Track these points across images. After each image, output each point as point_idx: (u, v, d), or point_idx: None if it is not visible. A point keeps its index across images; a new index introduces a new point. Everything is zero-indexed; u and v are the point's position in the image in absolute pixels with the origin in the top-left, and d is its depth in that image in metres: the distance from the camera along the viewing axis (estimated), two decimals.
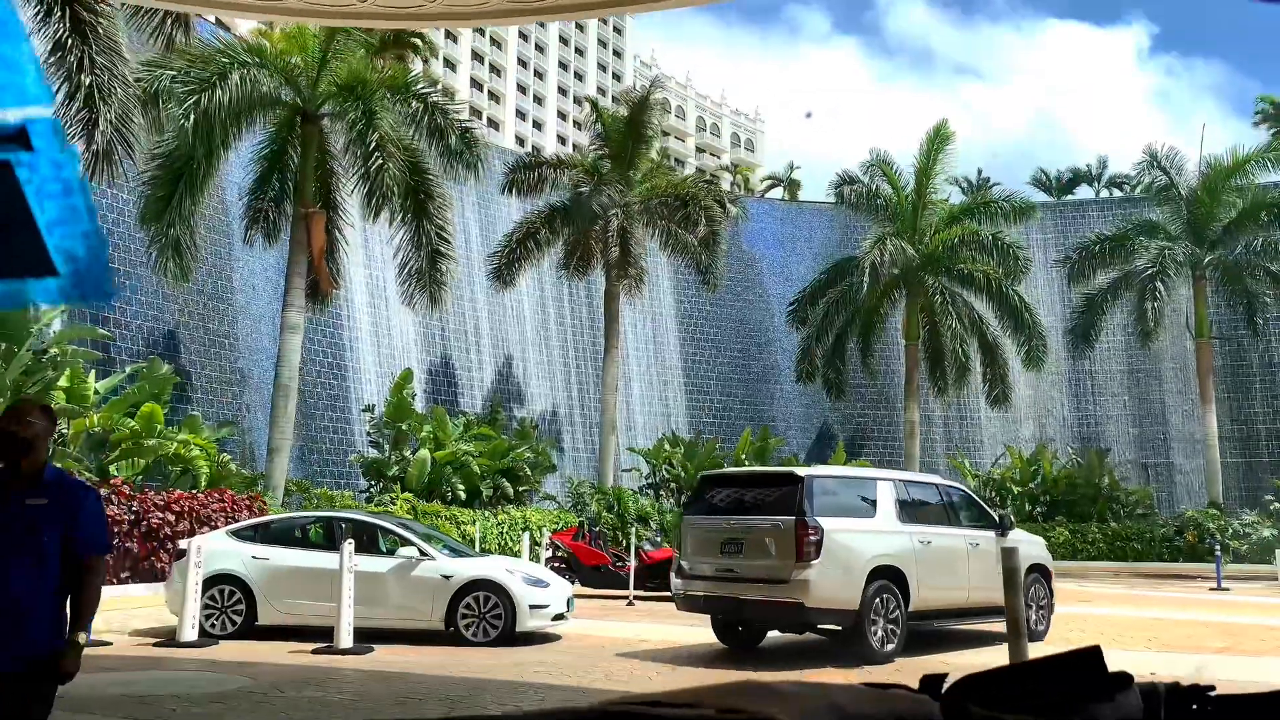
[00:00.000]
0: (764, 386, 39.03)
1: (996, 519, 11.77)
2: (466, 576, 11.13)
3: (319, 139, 22.29)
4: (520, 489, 27.41)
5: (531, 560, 21.83)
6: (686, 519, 10.94)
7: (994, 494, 31.98)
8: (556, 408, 35.93)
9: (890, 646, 9.75)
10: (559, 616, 11.41)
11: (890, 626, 9.80)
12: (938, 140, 31.37)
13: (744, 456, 31.37)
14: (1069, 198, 40.61)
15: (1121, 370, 36.63)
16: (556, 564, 19.12)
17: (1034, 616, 11.55)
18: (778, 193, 44.97)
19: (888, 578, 9.87)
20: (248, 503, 18.29)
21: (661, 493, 31.32)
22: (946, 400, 36.71)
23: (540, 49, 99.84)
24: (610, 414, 29.85)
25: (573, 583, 19.12)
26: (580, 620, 12.91)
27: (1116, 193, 41.04)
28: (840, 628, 9.88)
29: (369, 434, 25.85)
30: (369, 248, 31.73)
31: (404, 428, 24.60)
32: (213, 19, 26.04)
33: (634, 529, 26.25)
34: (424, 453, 24.24)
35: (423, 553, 11.33)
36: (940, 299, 30.58)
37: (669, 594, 18.06)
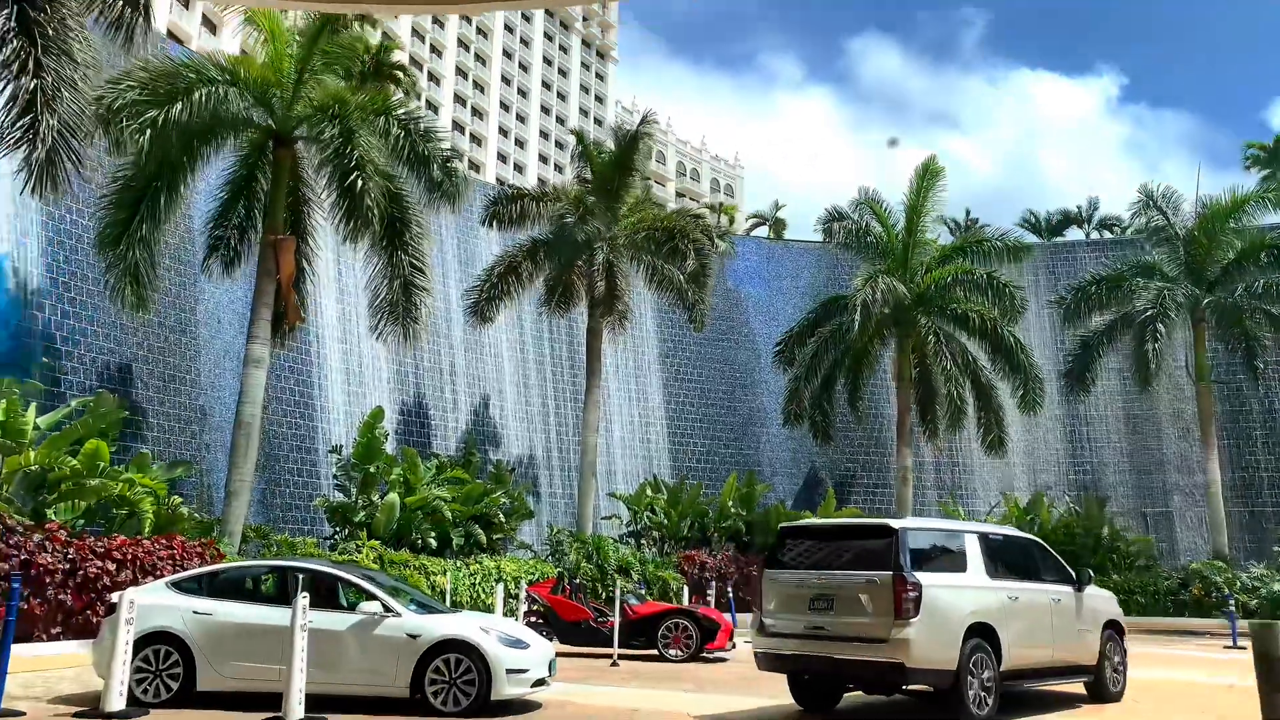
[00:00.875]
0: (750, 430, 38.08)
1: (1073, 574, 11.47)
2: (436, 636, 9.96)
3: (292, 164, 21.36)
4: (494, 537, 26.14)
5: (506, 615, 20.57)
6: (767, 574, 10.30)
7: None
8: (534, 451, 34.75)
9: (986, 710, 9.33)
10: (540, 682, 10.24)
11: (985, 688, 9.36)
12: (927, 176, 30.95)
13: (730, 503, 30.30)
14: (1058, 239, 40.42)
15: (1118, 416, 36.06)
16: (533, 618, 17.88)
17: (1109, 676, 11.28)
18: (762, 231, 44.51)
19: (982, 636, 9.43)
20: (200, 550, 16.97)
21: (643, 541, 30.14)
22: (938, 445, 35.91)
23: (523, 93, 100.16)
24: (590, 457, 28.73)
25: (550, 640, 17.89)
26: (562, 684, 11.74)
27: (1107, 234, 40.91)
28: (933, 689, 9.43)
29: (336, 477, 24.56)
30: (341, 281, 30.67)
31: (373, 470, 23.36)
32: (195, 39, 25.23)
33: (615, 580, 25.05)
34: (393, 497, 22.99)
35: (386, 608, 10.15)
36: (934, 340, 29.89)
37: (655, 652, 16.94)
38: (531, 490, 32.82)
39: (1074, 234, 42.02)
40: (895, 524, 9.64)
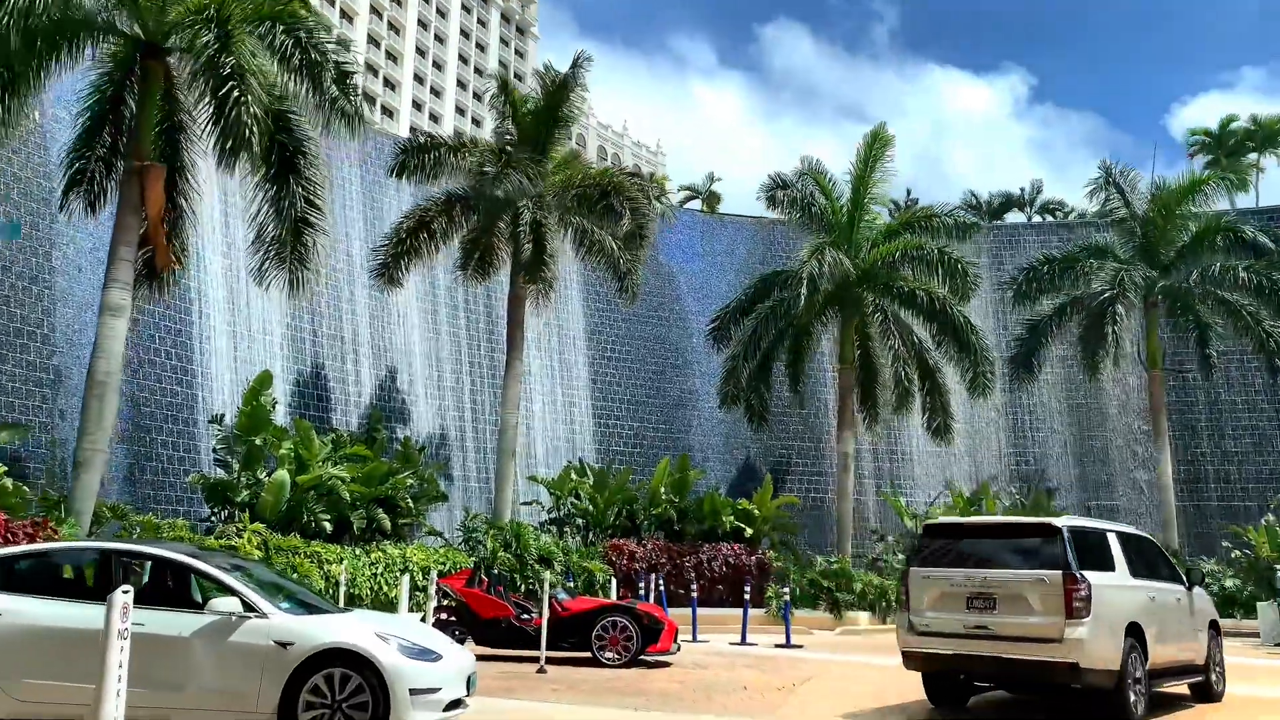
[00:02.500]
0: (680, 413, 36.12)
1: (1184, 574, 11.67)
2: (315, 644, 7.52)
3: (165, 80, 18.26)
4: (401, 522, 23.48)
5: (413, 611, 18.03)
6: (914, 571, 10.24)
7: None
8: (446, 430, 32.05)
9: (1140, 711, 9.43)
10: (455, 704, 7.89)
11: (1139, 688, 9.50)
12: (876, 145, 29.41)
13: (662, 489, 28.23)
14: (997, 223, 39.58)
15: (1062, 405, 35.37)
16: (445, 616, 15.45)
17: (1214, 676, 11.43)
18: (696, 206, 42.61)
19: (1134, 635, 9.55)
20: (30, 531, 14.00)
21: (566, 529, 27.83)
22: (877, 432, 34.58)
23: (440, 39, 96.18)
24: (509, 436, 26.27)
25: (464, 641, 15.49)
26: (482, 698, 9.40)
27: (1049, 218, 40.33)
28: (1097, 689, 9.34)
29: (216, 451, 21.52)
30: (229, 233, 27.40)
31: (259, 443, 20.44)
32: None
33: (537, 571, 22.72)
34: (282, 474, 20.14)
35: (249, 606, 7.65)
36: (880, 318, 28.41)
37: (588, 655, 14.75)
38: (443, 472, 30.14)
39: (1015, 217, 41.45)
40: (1059, 523, 9.69)
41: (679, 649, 15.02)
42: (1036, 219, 40.30)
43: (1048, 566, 9.28)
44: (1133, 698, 9.28)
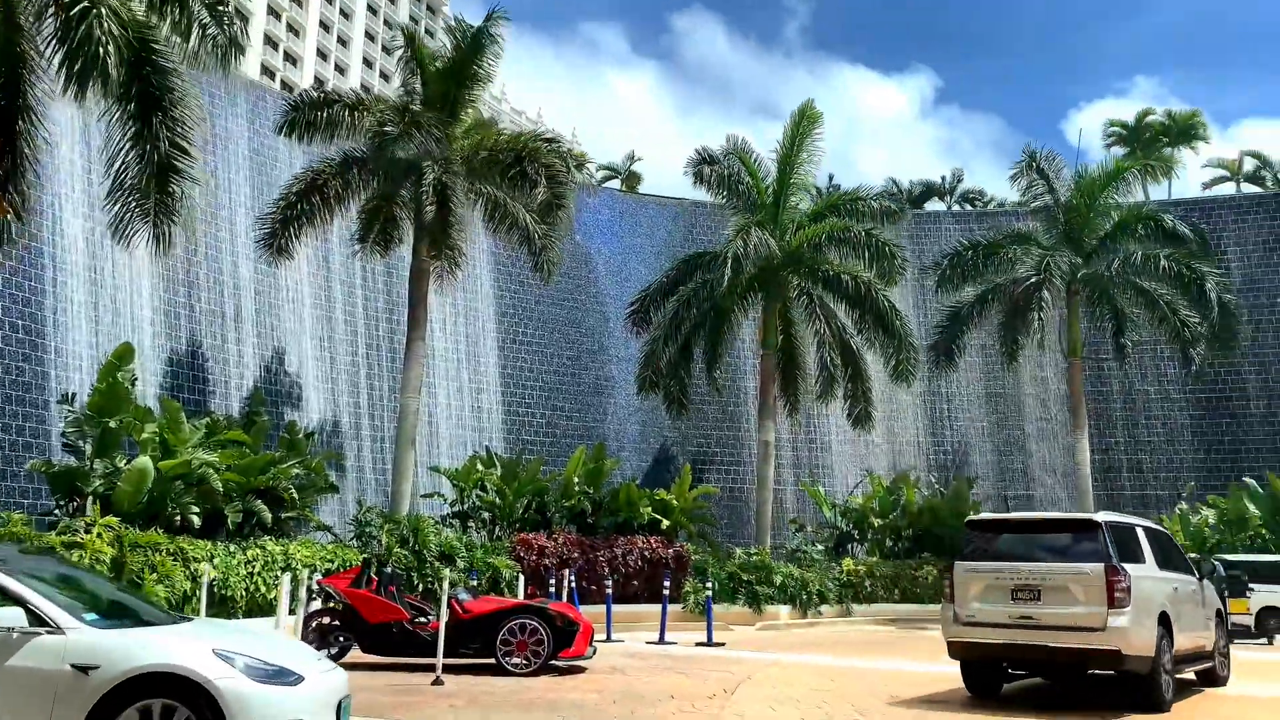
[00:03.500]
0: (595, 401, 34.62)
1: (1195, 565, 12.25)
2: (129, 668, 5.77)
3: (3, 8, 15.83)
4: (284, 516, 21.37)
5: (294, 614, 16.12)
6: (960, 565, 10.73)
7: (852, 526, 29.11)
8: (340, 416, 29.81)
9: (1170, 694, 10.04)
10: None
11: (1168, 672, 10.08)
12: (804, 122, 28.46)
13: (576, 480, 26.69)
14: (918, 211, 39.34)
15: (980, 394, 35.22)
16: (328, 621, 13.64)
17: (1219, 662, 12.15)
18: (615, 186, 41.13)
19: (1163, 624, 10.14)
20: None
21: (471, 523, 26.03)
22: (797, 421, 33.82)
23: (346, 14, 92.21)
24: (409, 423, 24.35)
25: (347, 650, 13.70)
26: None
27: (968, 207, 40.31)
28: (1134, 673, 9.97)
29: (66, 434, 19.01)
30: (91, 192, 24.62)
31: (114, 425, 18.07)
32: None
33: (437, 569, 20.94)
34: (144, 461, 17.82)
35: (38, 619, 5.84)
36: (807, 301, 27.52)
37: (493, 662, 13.14)
38: (336, 462, 27.92)
39: (934, 206, 41.29)
40: (1099, 518, 10.41)
41: (594, 652, 13.55)
42: (956, 208, 40.26)
43: (1089, 560, 9.91)
44: (1164, 681, 9.92)
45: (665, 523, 26.44)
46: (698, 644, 17.84)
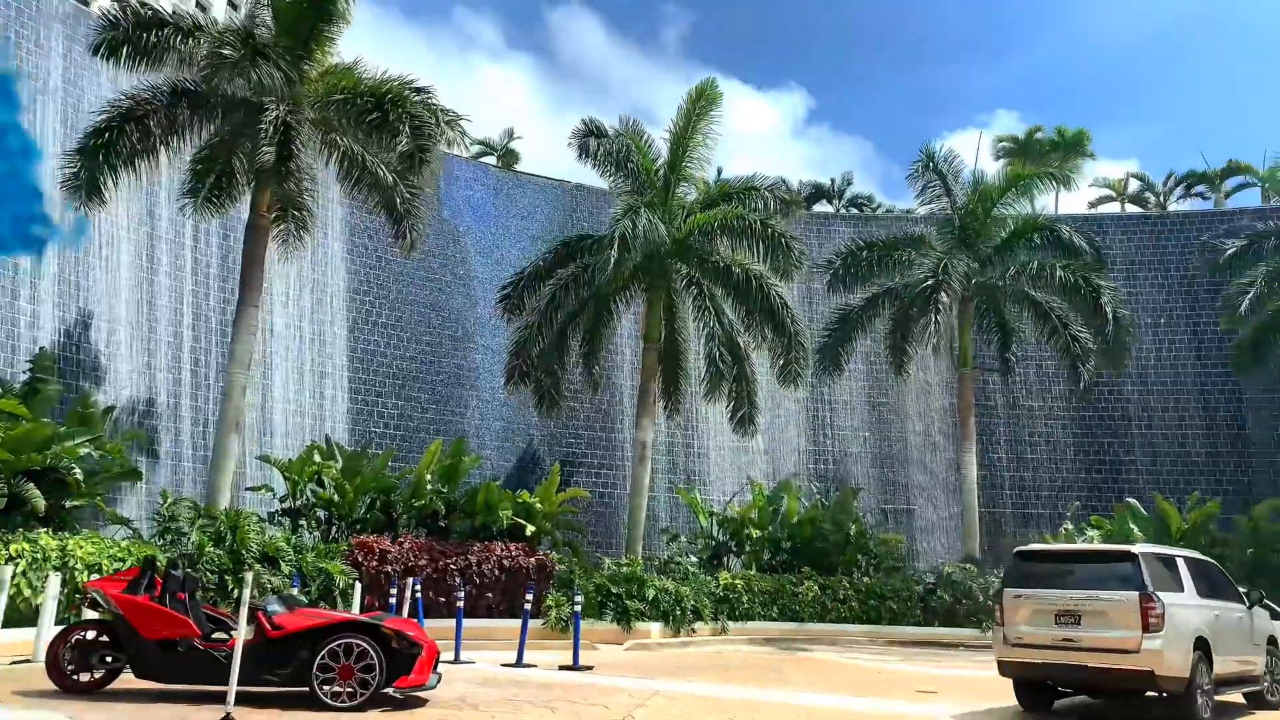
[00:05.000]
0: (457, 392, 31.92)
1: (1244, 595, 13.04)
2: None
3: None
4: (69, 504, 18.01)
5: (62, 623, 13.08)
6: (1008, 591, 11.76)
7: (729, 537, 27.60)
8: (156, 394, 26.12)
9: (1208, 714, 11.03)
10: None
11: (1206, 693, 11.05)
12: (702, 102, 26.88)
13: (429, 477, 24.07)
14: (808, 212, 38.44)
15: (863, 403, 34.47)
16: (91, 635, 10.80)
17: (1268, 686, 12.93)
18: (491, 163, 38.59)
19: (1201, 648, 11.07)
20: None
21: (304, 522, 23.03)
22: (676, 423, 32.20)
23: None
24: (235, 403, 21.23)
25: (116, 674, 10.86)
26: None
27: (855, 211, 39.84)
28: (1168, 694, 11.03)
29: None
30: None
31: None
32: None
33: (257, 573, 18.03)
34: None
35: None
36: (697, 292, 25.91)
37: (304, 689, 10.57)
38: (144, 445, 24.36)
39: (823, 209, 40.61)
40: (1136, 549, 11.46)
41: (439, 680, 11.18)
42: (844, 212, 39.75)
43: (1125, 588, 10.92)
44: (1200, 701, 10.87)
45: (529, 528, 24.17)
46: (562, 667, 15.68)
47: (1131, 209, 38.38)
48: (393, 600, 18.07)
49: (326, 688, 10.20)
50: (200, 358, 27.35)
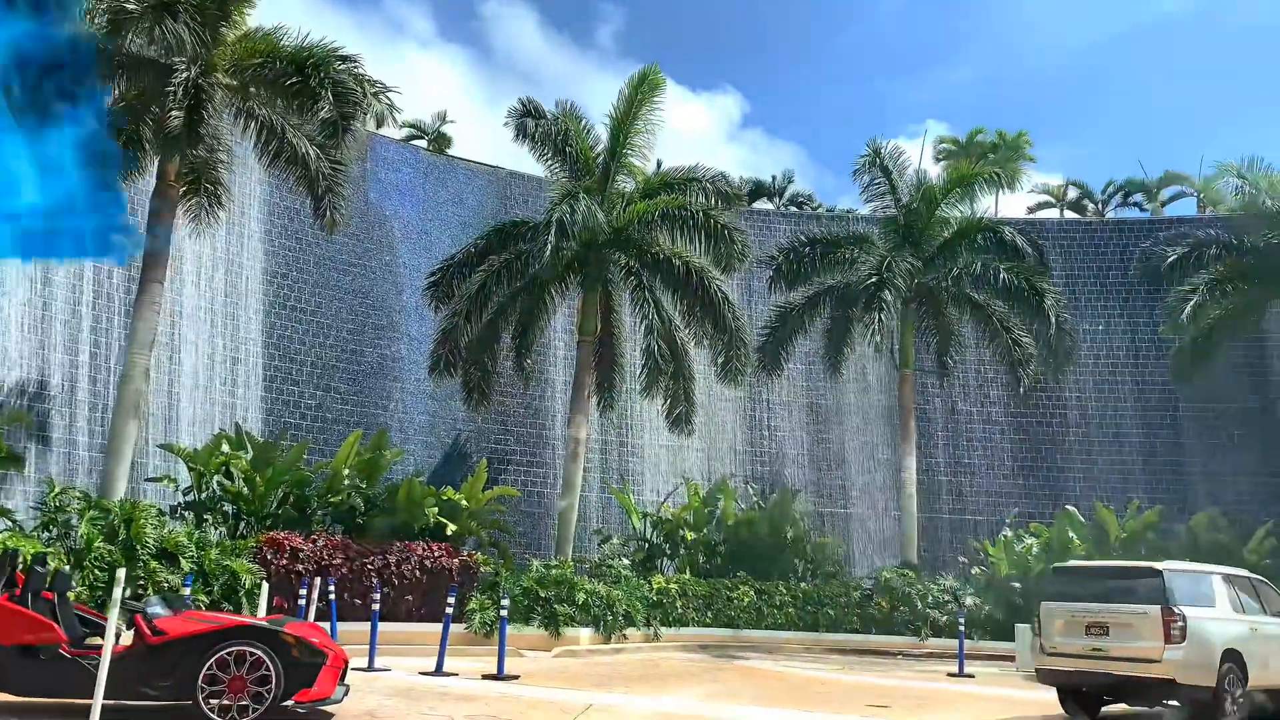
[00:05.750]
0: (379, 383, 30.47)
1: None
2: None
3: None
4: None
5: None
6: (1045, 605, 12.82)
7: (663, 539, 26.80)
8: (48, 375, 24.20)
9: None
10: None
11: (1236, 703, 11.67)
12: (644, 88, 26.03)
13: (346, 470, 22.72)
14: (747, 209, 37.81)
15: (801, 404, 33.95)
16: None
17: None
18: (421, 146, 37.16)
19: (1233, 661, 11.74)
20: None
21: (209, 516, 21.47)
22: (609, 420, 31.27)
23: None
24: (134, 386, 19.64)
25: None
26: None
27: (794, 209, 39.42)
28: (1195, 703, 11.68)
29: None
30: None
31: None
32: None
33: (152, 571, 16.58)
34: None
35: None
36: (636, 283, 25.06)
37: (188, 700, 9.29)
38: (33, 430, 22.52)
39: (763, 206, 40.13)
40: (1160, 566, 12.44)
41: (346, 692, 10.06)
42: (785, 210, 39.31)
43: (1149, 602, 11.71)
44: (1230, 710, 11.40)
45: (452, 527, 22.97)
46: (485, 676, 14.63)
47: (1070, 216, 38.75)
48: (302, 602, 16.77)
49: (214, 702, 9.00)
50: (101, 339, 25.47)
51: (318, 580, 16.90)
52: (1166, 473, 32.38)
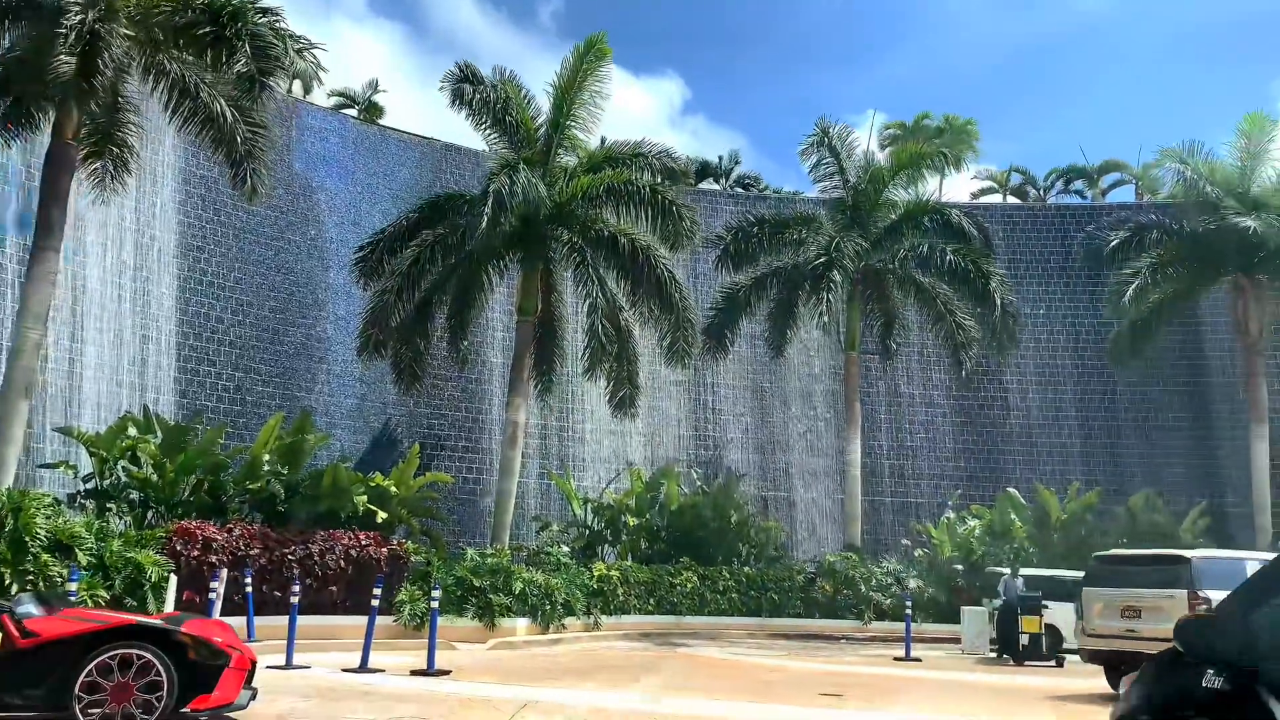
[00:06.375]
0: (303, 364, 28.89)
1: None
2: None
3: None
4: None
5: None
6: (1086, 590, 14.13)
7: (605, 526, 25.91)
8: None
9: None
10: None
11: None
12: (590, 57, 24.95)
13: (266, 456, 21.30)
14: (693, 189, 36.91)
15: (745, 387, 33.30)
16: None
17: None
18: (352, 115, 35.39)
19: None
20: None
21: (114, 505, 19.86)
22: (548, 404, 30.19)
23: None
24: (25, 362, 17.92)
25: None
26: None
27: (740, 190, 38.68)
28: None
29: None
30: None
31: None
32: None
33: (44, 564, 15.09)
34: None
35: None
36: (579, 259, 24.04)
37: (63, 711, 7.99)
38: None
39: (709, 187, 39.27)
40: (1188, 554, 13.42)
41: (253, 696, 8.91)
42: (731, 191, 38.56)
43: (1178, 587, 12.54)
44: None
45: (382, 515, 21.74)
46: (414, 672, 13.56)
47: (1013, 201, 38.79)
48: (213, 596, 15.46)
49: (95, 712, 7.80)
50: None
51: (224, 572, 15.61)
52: (1103, 455, 32.59)
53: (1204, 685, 3.70)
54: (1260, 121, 25.69)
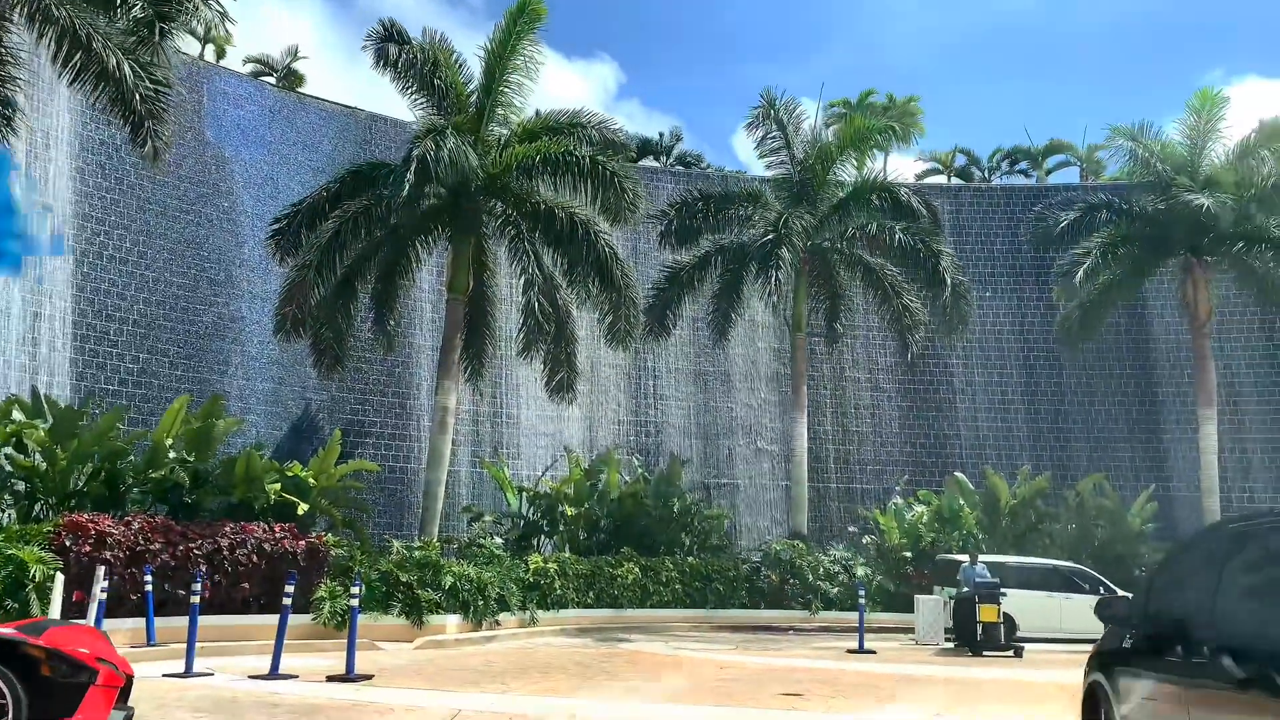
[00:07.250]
0: (215, 344, 27.08)
1: None
2: None
3: None
4: None
5: None
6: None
7: (541, 516, 24.77)
8: None
9: None
10: None
11: None
12: (524, 19, 23.64)
13: (170, 442, 19.68)
14: (634, 165, 35.76)
15: (686, 370, 32.37)
16: None
17: None
18: (270, 83, 33.40)
19: None
20: None
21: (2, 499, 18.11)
22: (480, 389, 28.88)
23: None
24: None
25: None
26: None
27: (680, 168, 37.71)
28: None
29: None
30: None
31: None
32: None
33: None
34: None
35: None
36: (515, 233, 22.80)
37: None
38: None
39: (649, 165, 38.21)
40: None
41: (129, 716, 7.63)
42: (673, 169, 37.59)
43: None
44: None
45: (302, 506, 20.28)
46: (331, 678, 12.31)
47: (958, 183, 38.58)
48: (103, 596, 13.97)
49: None
50: None
51: (102, 570, 14.17)
52: (1050, 439, 32.50)
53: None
54: (1211, 98, 25.61)
